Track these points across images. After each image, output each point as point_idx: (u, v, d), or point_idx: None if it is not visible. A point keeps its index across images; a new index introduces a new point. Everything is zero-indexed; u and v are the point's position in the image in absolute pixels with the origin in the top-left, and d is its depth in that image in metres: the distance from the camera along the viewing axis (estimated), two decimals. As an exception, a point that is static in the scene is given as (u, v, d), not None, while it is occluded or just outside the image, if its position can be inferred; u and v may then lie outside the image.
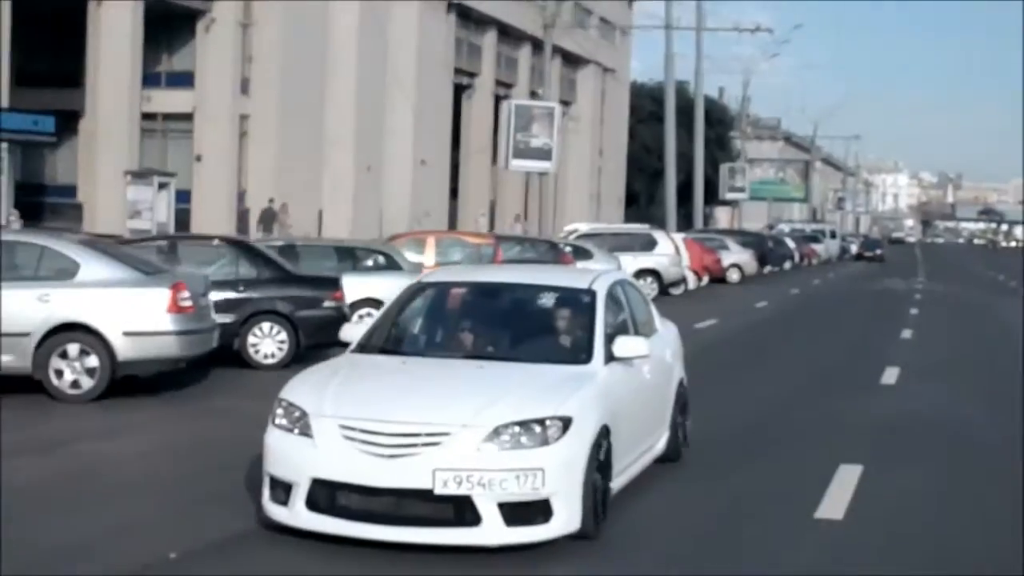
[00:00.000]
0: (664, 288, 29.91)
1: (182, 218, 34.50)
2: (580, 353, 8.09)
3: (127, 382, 12.04)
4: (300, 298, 14.99)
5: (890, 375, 16.06)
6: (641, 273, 27.97)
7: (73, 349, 11.73)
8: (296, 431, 7.20)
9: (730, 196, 70.39)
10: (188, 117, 37.86)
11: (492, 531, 6.89)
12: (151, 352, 11.92)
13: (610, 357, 8.10)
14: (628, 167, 70.52)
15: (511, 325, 8.75)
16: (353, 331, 8.72)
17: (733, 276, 39.34)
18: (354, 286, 16.37)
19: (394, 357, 8.22)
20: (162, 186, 33.52)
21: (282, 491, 7.19)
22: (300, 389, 7.53)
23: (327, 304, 15.08)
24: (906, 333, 22.75)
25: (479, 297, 9.13)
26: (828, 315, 28.12)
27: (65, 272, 12.05)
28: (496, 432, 6.98)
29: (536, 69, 57.59)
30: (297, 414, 7.25)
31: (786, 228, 64.01)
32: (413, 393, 7.44)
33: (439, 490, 6.83)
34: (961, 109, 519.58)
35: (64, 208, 35.59)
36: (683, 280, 31.76)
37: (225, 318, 13.87)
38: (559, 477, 6.98)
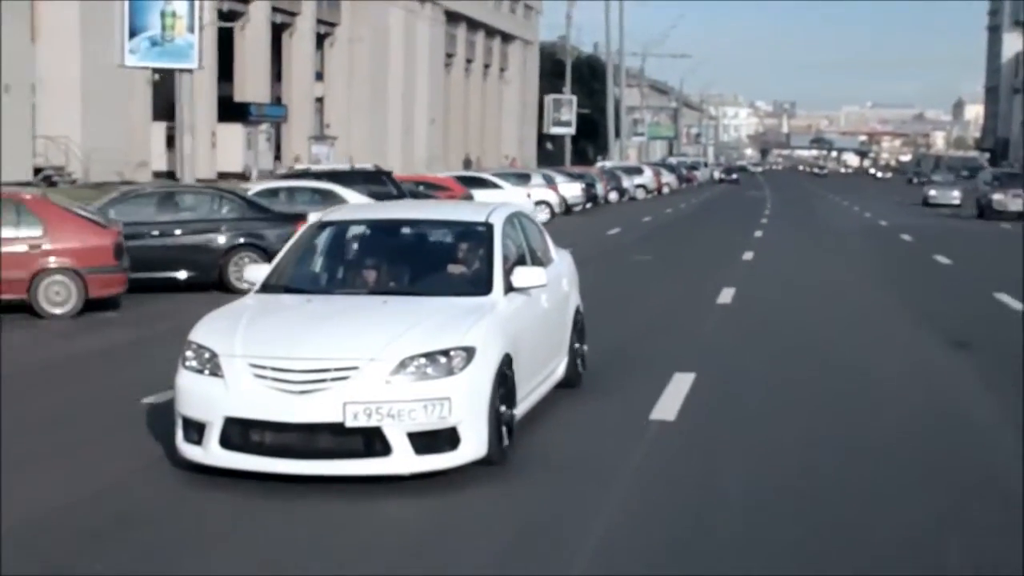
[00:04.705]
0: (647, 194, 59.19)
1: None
2: (480, 285, 8.63)
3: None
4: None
5: (761, 224, 44.26)
6: (637, 187, 56.99)
7: None
8: (207, 372, 7.60)
9: (635, 139, 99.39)
10: (320, 100, 63.95)
11: (402, 460, 7.33)
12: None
13: (509, 288, 8.66)
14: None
15: (413, 260, 9.30)
16: (257, 272, 9.11)
17: (665, 190, 68.13)
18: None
19: (299, 296, 8.69)
20: (332, 144, 59.76)
21: (195, 431, 7.59)
22: (208, 331, 7.92)
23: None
24: (767, 209, 51.85)
25: (380, 234, 9.66)
26: (726, 203, 56.83)
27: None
28: (403, 364, 7.39)
29: (483, 46, 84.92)
30: (207, 355, 7.65)
31: (674, 161, 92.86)
32: (320, 330, 7.80)
33: (350, 423, 7.24)
34: (796, 38, 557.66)
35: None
36: (655, 190, 61.41)
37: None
38: (465, 405, 7.42)
